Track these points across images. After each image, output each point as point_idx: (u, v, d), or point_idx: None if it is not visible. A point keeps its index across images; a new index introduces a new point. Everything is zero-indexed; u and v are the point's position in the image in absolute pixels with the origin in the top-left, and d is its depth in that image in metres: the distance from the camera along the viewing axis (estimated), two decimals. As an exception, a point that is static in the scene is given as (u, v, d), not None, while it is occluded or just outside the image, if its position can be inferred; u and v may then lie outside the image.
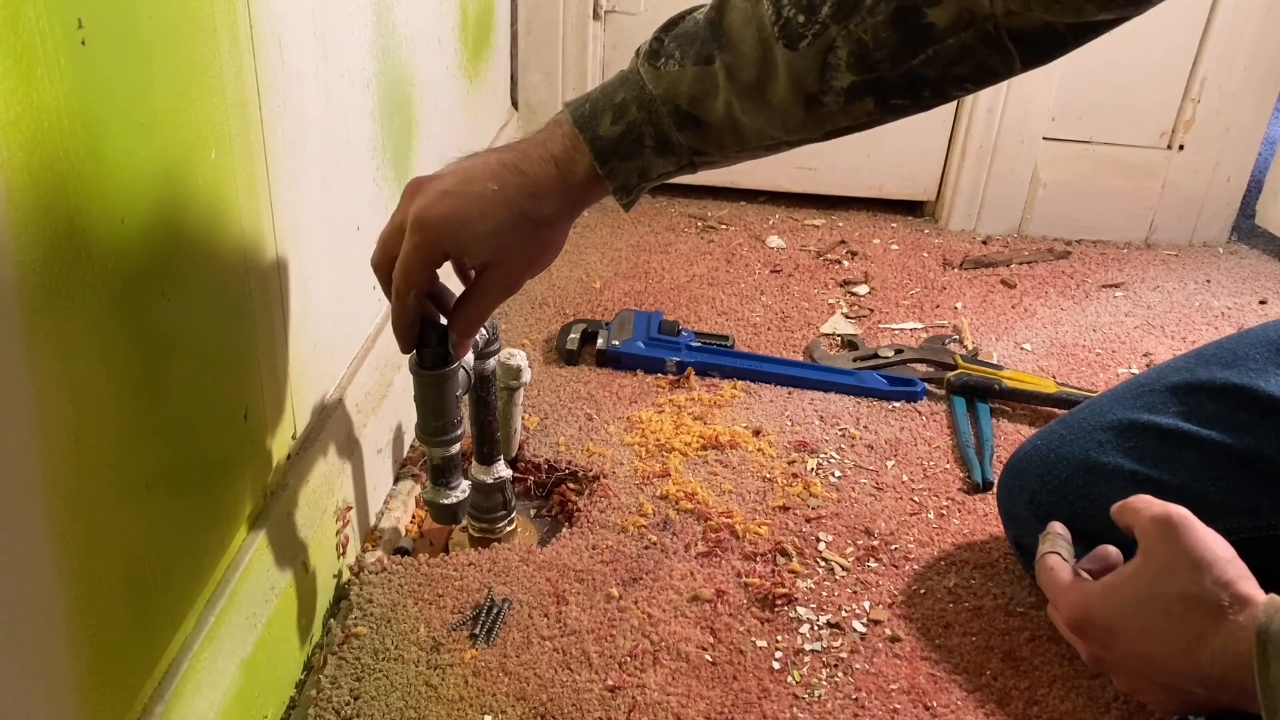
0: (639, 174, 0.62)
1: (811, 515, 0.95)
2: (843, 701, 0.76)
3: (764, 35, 0.57)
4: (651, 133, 0.60)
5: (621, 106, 0.60)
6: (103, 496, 0.50)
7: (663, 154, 0.61)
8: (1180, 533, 0.59)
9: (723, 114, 0.59)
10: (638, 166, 0.61)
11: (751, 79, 0.57)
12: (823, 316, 1.34)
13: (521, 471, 1.00)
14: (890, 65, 0.56)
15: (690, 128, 0.60)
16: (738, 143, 0.61)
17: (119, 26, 0.48)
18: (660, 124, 0.60)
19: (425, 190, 0.62)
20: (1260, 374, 0.78)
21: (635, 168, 0.61)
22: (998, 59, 0.56)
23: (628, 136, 0.60)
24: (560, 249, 0.66)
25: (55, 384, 0.46)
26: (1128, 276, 1.52)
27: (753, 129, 0.59)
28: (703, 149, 0.61)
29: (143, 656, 0.56)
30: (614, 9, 1.59)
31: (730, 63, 0.58)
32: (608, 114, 0.60)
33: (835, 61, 0.56)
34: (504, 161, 0.62)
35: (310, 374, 0.77)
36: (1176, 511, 0.60)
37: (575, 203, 0.63)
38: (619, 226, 1.57)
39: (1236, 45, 1.54)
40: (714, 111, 0.59)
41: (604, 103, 0.61)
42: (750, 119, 0.59)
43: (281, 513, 0.71)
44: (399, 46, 0.94)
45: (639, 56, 0.61)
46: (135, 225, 0.51)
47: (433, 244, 0.62)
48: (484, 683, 0.75)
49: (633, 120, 0.60)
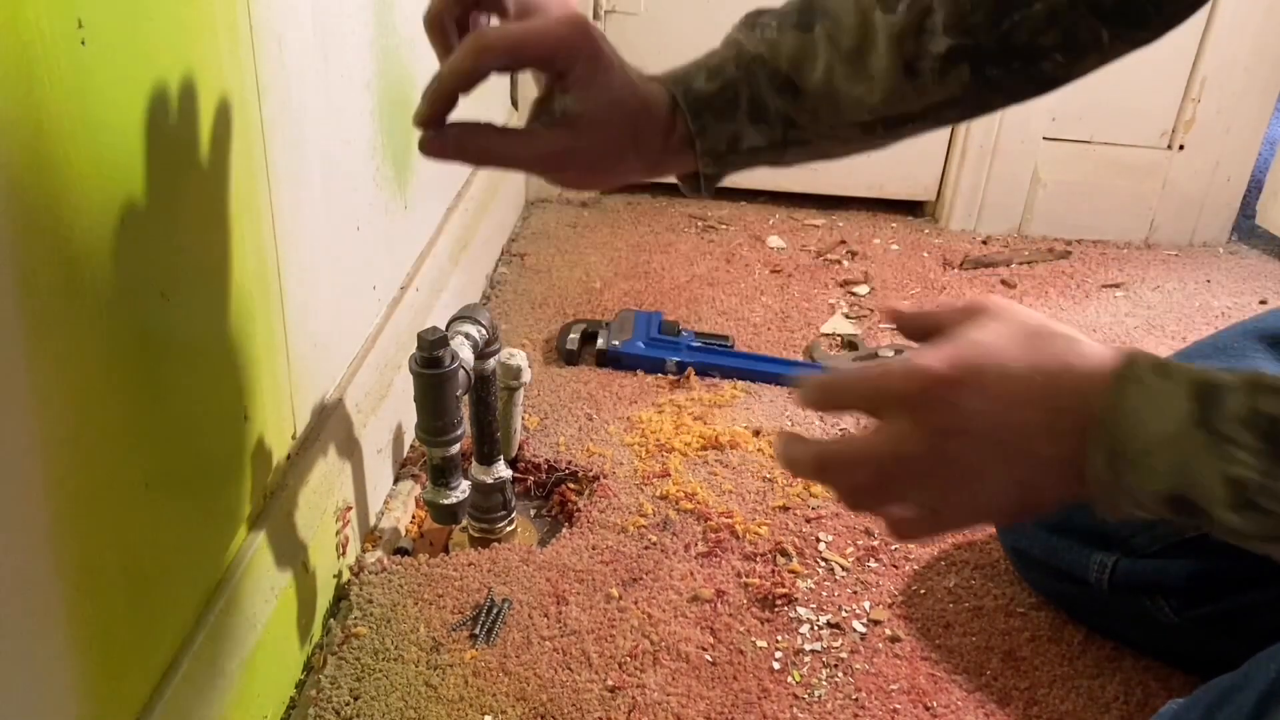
0: (729, 140, 0.58)
1: (811, 515, 0.95)
2: (843, 701, 0.76)
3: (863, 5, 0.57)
4: (748, 94, 0.57)
5: (718, 66, 0.58)
6: (103, 496, 0.50)
7: (756, 121, 0.58)
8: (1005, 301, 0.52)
9: (821, 79, 0.57)
10: (730, 130, 0.58)
11: (852, 45, 0.57)
12: (823, 316, 1.34)
13: (521, 471, 1.00)
14: (984, 30, 0.56)
15: (788, 93, 0.58)
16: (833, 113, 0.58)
17: (119, 26, 0.48)
18: (757, 85, 0.57)
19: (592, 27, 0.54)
20: (1240, 359, 0.78)
21: (728, 131, 0.58)
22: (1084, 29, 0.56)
23: (724, 94, 0.57)
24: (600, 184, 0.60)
25: (55, 384, 0.46)
26: (1128, 276, 1.52)
27: (851, 98, 0.58)
28: (798, 119, 0.58)
29: (143, 656, 0.56)
30: (614, 9, 1.59)
31: (830, 29, 0.57)
32: (702, 72, 0.58)
33: (932, 25, 0.56)
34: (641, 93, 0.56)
35: (310, 374, 0.77)
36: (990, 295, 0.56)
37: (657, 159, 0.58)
38: (619, 226, 1.57)
39: (1236, 45, 1.54)
40: (813, 77, 0.57)
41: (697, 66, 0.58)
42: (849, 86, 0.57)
43: (281, 513, 0.71)
44: (399, 46, 0.94)
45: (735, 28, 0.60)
46: (135, 225, 0.51)
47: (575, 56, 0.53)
48: (484, 683, 0.75)
49: (729, 78, 0.57)
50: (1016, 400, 0.47)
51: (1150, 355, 0.46)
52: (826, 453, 0.50)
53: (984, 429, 0.47)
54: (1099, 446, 0.45)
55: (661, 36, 1.59)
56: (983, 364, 0.47)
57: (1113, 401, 0.45)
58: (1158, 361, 0.46)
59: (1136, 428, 0.44)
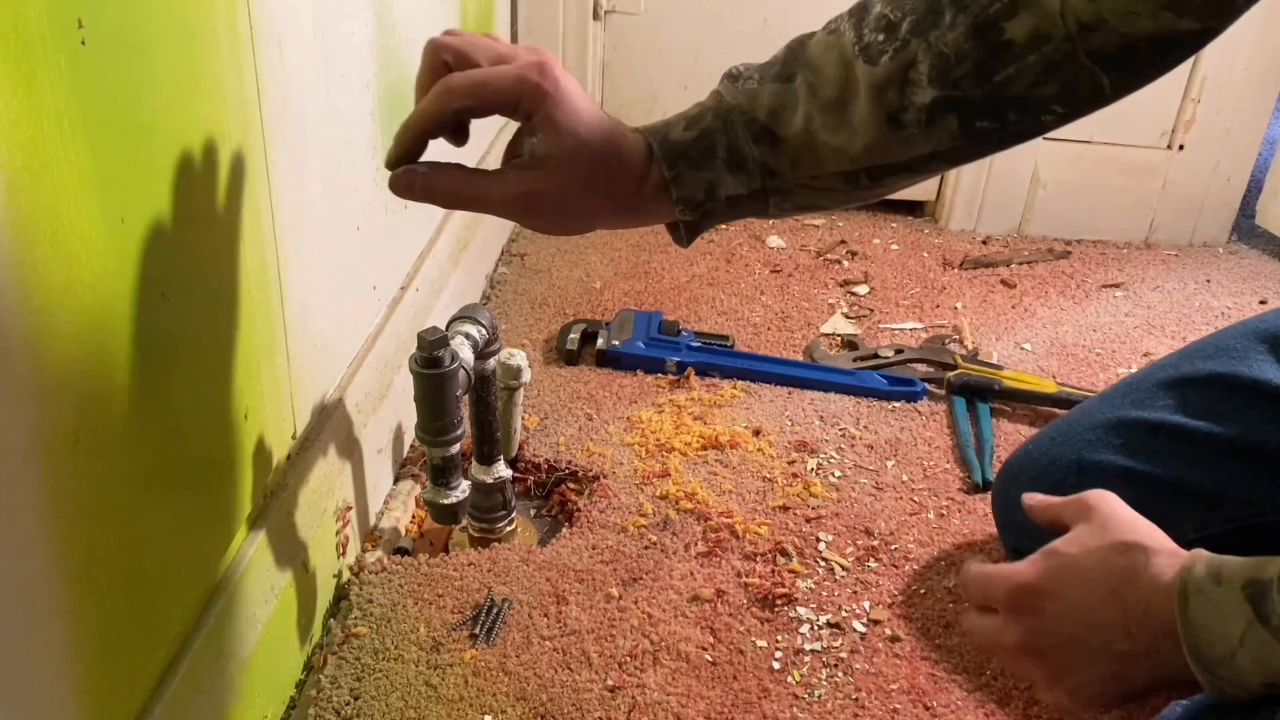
0: (707, 189, 0.58)
1: (811, 515, 0.95)
2: (843, 701, 0.76)
3: (846, 58, 0.57)
4: (725, 143, 0.58)
5: (697, 116, 0.58)
6: (103, 497, 0.50)
7: (734, 170, 0.58)
8: (1108, 499, 0.61)
9: (800, 128, 0.57)
10: (706, 179, 0.58)
11: (833, 96, 0.57)
12: (823, 316, 1.34)
13: (521, 471, 1.00)
14: (973, 82, 0.55)
15: (765, 141, 0.58)
16: (814, 163, 0.58)
17: (119, 26, 0.48)
18: (734, 134, 0.58)
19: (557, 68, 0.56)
20: (1243, 361, 0.79)
21: (704, 180, 0.58)
22: (1084, 79, 0.54)
23: (700, 143, 0.58)
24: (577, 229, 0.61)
25: (55, 384, 0.46)
26: (1128, 276, 1.52)
27: (831, 148, 0.57)
28: (776, 168, 0.58)
29: (143, 656, 0.56)
30: (614, 9, 1.59)
31: (812, 80, 0.57)
32: (681, 122, 0.58)
33: (917, 77, 0.55)
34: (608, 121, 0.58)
35: (310, 374, 0.77)
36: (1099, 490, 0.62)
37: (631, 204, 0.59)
38: (619, 226, 1.57)
39: (1236, 45, 1.54)
40: (792, 126, 0.57)
41: (677, 118, 0.59)
42: (829, 135, 0.57)
43: (281, 513, 0.71)
44: (399, 46, 0.94)
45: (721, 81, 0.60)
46: (135, 225, 0.51)
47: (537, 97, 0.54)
48: (484, 683, 0.75)
49: (706, 127, 0.58)
50: (1090, 606, 0.57)
51: (1204, 559, 0.53)
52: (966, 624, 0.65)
53: (1067, 630, 0.58)
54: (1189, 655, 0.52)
55: (661, 36, 1.60)
56: (1063, 575, 0.59)
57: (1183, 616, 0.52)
58: (1211, 564, 0.52)
59: (1212, 640, 0.51)
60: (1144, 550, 0.56)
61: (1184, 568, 0.53)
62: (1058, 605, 0.59)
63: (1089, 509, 0.61)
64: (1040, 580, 0.60)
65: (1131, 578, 0.56)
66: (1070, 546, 0.60)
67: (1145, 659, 0.55)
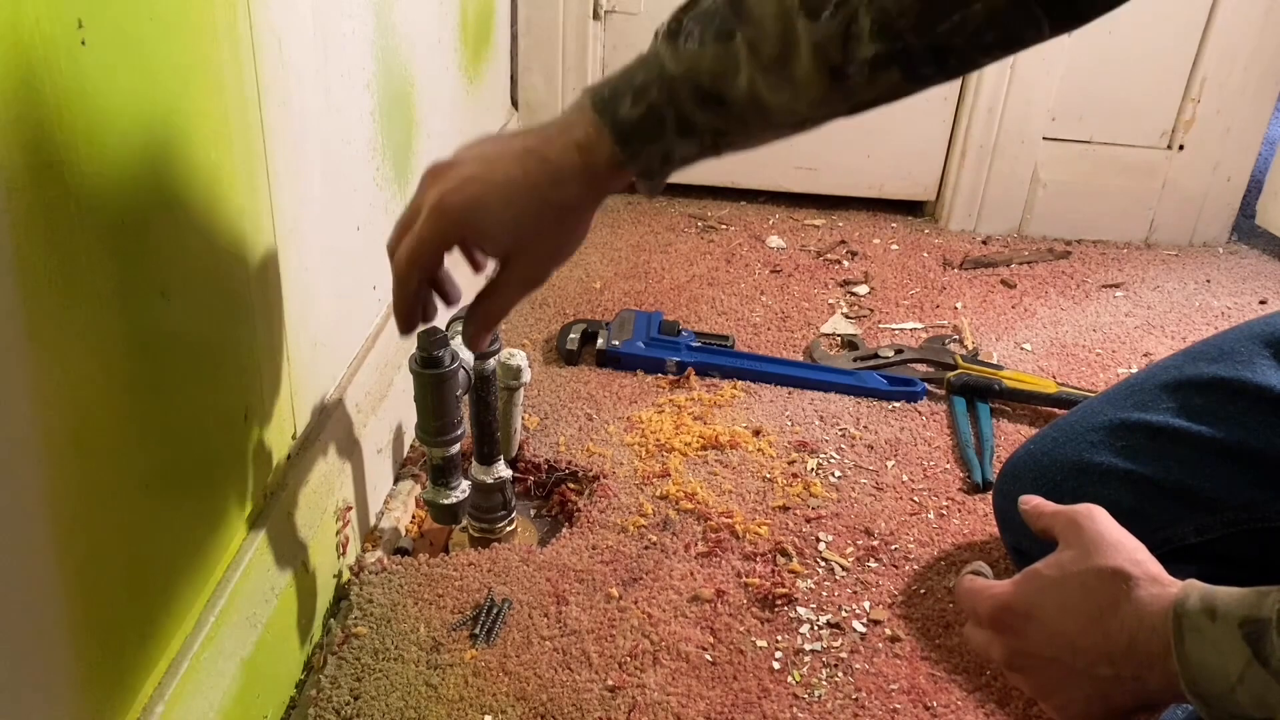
0: (661, 158, 0.60)
1: (811, 515, 0.95)
2: (843, 701, 0.76)
3: (785, 8, 0.56)
4: (673, 114, 0.59)
5: (642, 88, 0.59)
6: (103, 497, 0.50)
7: (685, 135, 0.59)
8: (1096, 519, 0.60)
9: (745, 91, 0.57)
10: (660, 150, 0.60)
11: (774, 53, 0.56)
12: (823, 316, 1.34)
13: (521, 471, 1.00)
14: (915, 34, 0.55)
15: (712, 107, 0.58)
16: (761, 120, 0.59)
17: (119, 26, 0.48)
18: (681, 104, 0.58)
19: (446, 176, 0.61)
20: (1247, 366, 0.78)
21: (658, 151, 0.60)
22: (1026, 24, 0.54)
23: (649, 118, 0.58)
24: (583, 238, 0.64)
25: (55, 384, 0.46)
26: (1128, 276, 1.52)
27: (777, 105, 0.58)
28: (726, 129, 0.59)
29: (143, 656, 0.56)
30: (614, 9, 1.59)
31: (752, 38, 0.57)
32: (627, 96, 0.59)
33: (858, 31, 0.55)
34: (527, 148, 0.60)
35: (310, 374, 0.77)
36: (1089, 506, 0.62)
37: (599, 190, 0.62)
38: (619, 226, 1.57)
39: (1236, 45, 1.54)
40: (736, 89, 0.58)
41: (624, 85, 0.59)
42: (774, 95, 0.57)
43: (281, 513, 0.71)
44: (399, 46, 0.94)
45: (658, 38, 0.60)
46: (135, 225, 0.51)
47: (451, 231, 0.61)
48: (484, 683, 0.75)
49: (653, 101, 0.58)
50: (1069, 632, 0.58)
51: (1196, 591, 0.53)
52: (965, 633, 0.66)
53: (1048, 652, 0.59)
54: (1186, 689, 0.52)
55: (661, 36, 1.59)
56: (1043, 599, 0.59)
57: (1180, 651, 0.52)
58: (1204, 596, 0.52)
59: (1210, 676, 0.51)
60: (1125, 578, 0.56)
61: (1176, 600, 0.53)
62: (1038, 628, 0.59)
63: (1076, 527, 0.60)
64: (1018, 602, 0.60)
65: (1112, 607, 0.56)
66: (1051, 569, 0.60)
67: (1130, 683, 0.55)
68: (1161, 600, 0.54)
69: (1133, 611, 0.55)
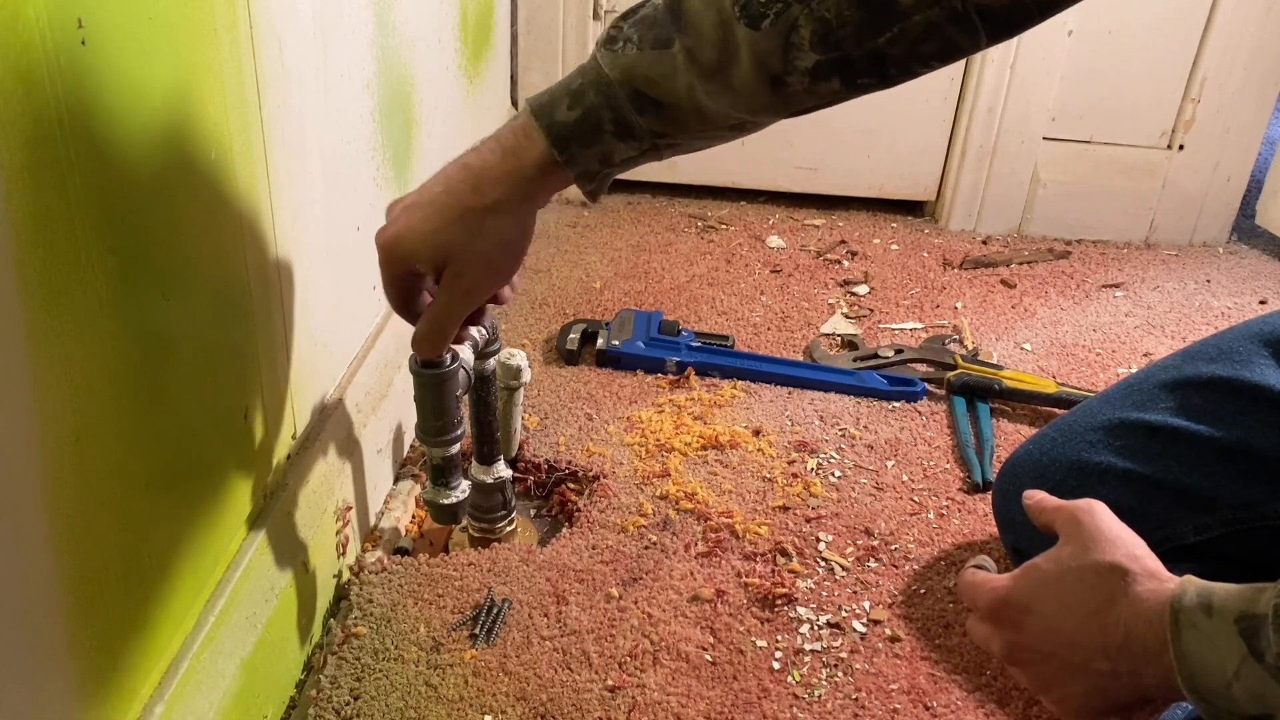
0: (600, 159, 0.60)
1: (811, 515, 0.95)
2: (843, 701, 0.76)
3: (724, 16, 0.56)
4: (610, 117, 0.59)
5: (578, 92, 0.59)
6: (103, 496, 0.50)
7: (624, 138, 0.60)
8: (1096, 514, 0.61)
9: (684, 95, 0.58)
10: (598, 152, 0.60)
11: (713, 61, 0.56)
12: (823, 316, 1.34)
13: (521, 471, 1.00)
14: (855, 44, 0.55)
15: (650, 110, 0.59)
16: (701, 124, 0.60)
17: (119, 26, 0.48)
18: (619, 108, 0.59)
19: (389, 212, 0.63)
20: (1246, 365, 0.78)
21: (595, 153, 0.60)
22: (964, 35, 0.55)
23: (586, 121, 0.59)
24: (521, 243, 0.65)
25: (55, 384, 0.46)
26: (1128, 276, 1.52)
27: (716, 110, 0.58)
28: (665, 131, 0.60)
29: (143, 656, 0.56)
30: (614, 9, 1.59)
31: (690, 45, 0.57)
32: (564, 100, 0.59)
33: (798, 41, 0.55)
34: (460, 162, 0.62)
35: (310, 374, 0.77)
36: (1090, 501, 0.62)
37: (527, 192, 0.62)
38: (619, 226, 1.57)
39: (1236, 45, 1.54)
40: (675, 93, 0.58)
41: (561, 91, 0.60)
42: (713, 101, 0.58)
43: (281, 513, 0.71)
44: (399, 46, 0.94)
45: (597, 45, 0.61)
46: (135, 225, 0.51)
47: (391, 265, 0.63)
48: (484, 683, 0.75)
49: (590, 105, 0.59)
50: (1066, 627, 0.58)
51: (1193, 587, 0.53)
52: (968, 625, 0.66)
53: (1046, 647, 0.59)
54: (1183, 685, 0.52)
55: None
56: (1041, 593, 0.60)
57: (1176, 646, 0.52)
58: (1201, 592, 0.52)
59: (1206, 672, 0.51)
60: (1123, 574, 0.56)
61: (1173, 596, 0.53)
62: (1036, 622, 0.60)
63: (1076, 523, 0.61)
64: (1017, 596, 0.61)
65: (1109, 602, 0.56)
66: (1050, 564, 0.60)
67: (1128, 678, 0.56)
68: (1158, 596, 0.54)
69: (1129, 607, 0.55)
